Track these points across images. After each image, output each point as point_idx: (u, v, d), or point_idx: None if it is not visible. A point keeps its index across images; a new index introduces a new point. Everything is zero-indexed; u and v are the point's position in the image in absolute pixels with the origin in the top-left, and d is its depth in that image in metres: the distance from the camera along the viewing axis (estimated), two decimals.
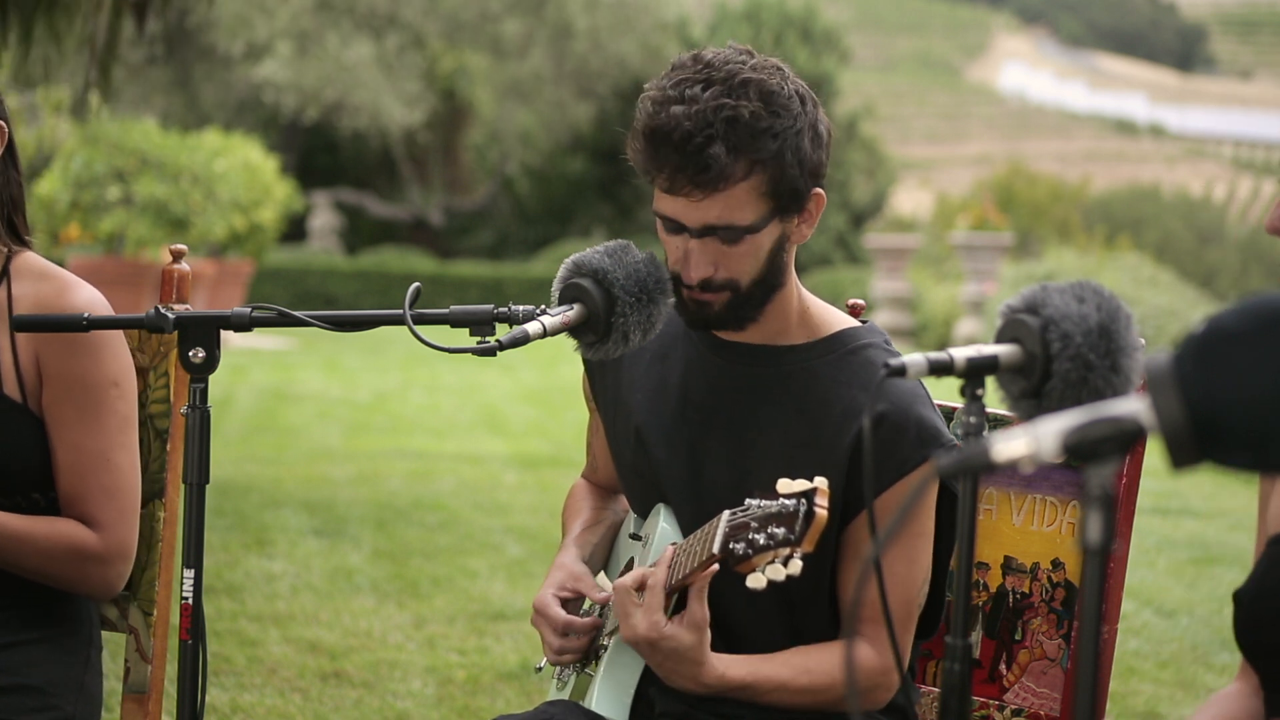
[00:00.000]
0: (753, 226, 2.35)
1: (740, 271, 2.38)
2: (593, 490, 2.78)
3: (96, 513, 2.60)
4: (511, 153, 31.90)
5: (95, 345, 2.60)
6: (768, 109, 2.32)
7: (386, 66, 28.01)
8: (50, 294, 2.61)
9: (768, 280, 2.41)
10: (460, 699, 4.76)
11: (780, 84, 2.35)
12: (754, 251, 2.37)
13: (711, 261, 2.37)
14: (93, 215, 15.56)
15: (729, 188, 2.32)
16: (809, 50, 31.39)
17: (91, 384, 2.59)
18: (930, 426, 2.39)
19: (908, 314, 21.88)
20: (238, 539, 6.93)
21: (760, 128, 2.30)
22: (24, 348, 2.59)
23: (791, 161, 2.33)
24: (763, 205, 2.35)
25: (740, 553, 2.18)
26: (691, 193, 2.32)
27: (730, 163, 2.30)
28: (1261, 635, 2.00)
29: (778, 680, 2.39)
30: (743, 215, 2.34)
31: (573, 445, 10.58)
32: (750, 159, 2.31)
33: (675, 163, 2.31)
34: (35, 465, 2.60)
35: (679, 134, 2.29)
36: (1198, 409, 1.42)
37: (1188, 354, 1.43)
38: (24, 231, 2.68)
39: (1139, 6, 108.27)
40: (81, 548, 2.59)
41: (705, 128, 2.29)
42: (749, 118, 2.30)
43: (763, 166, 2.32)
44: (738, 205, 2.33)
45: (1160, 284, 18.64)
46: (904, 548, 2.39)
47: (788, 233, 2.40)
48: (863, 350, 2.45)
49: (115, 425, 2.61)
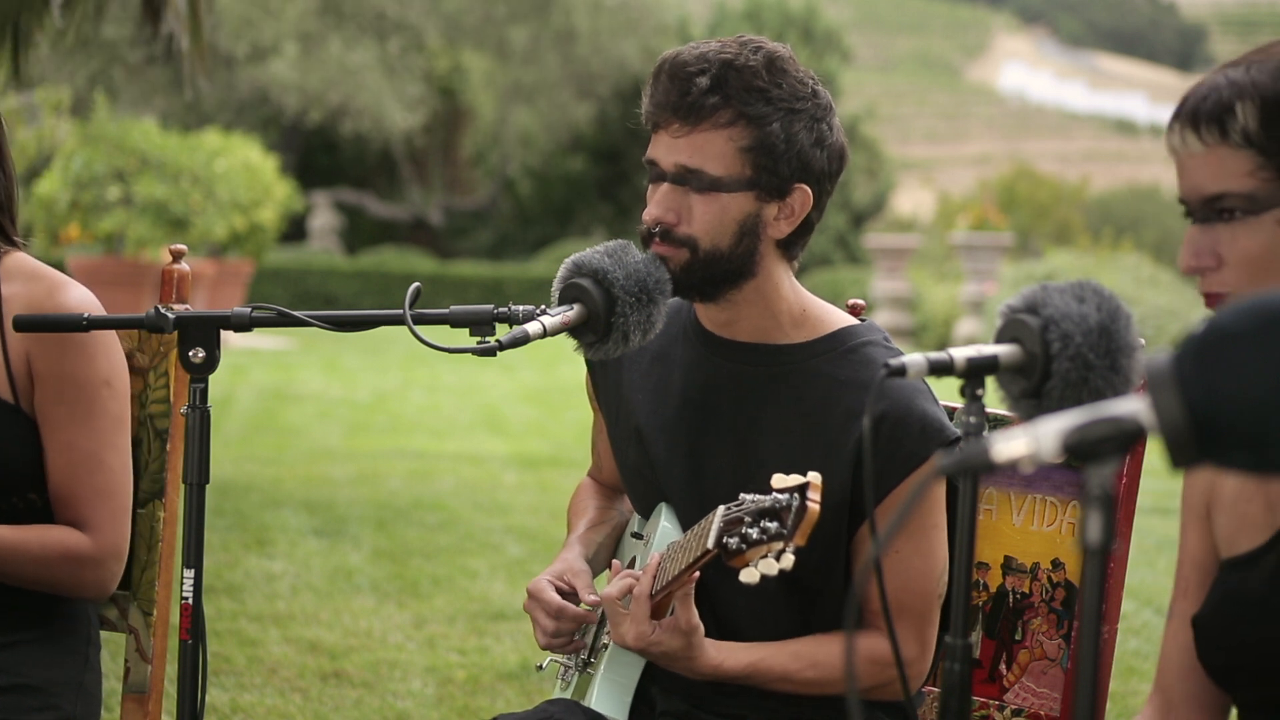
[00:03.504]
0: (720, 180, 2.35)
1: (700, 230, 2.37)
2: (598, 490, 2.78)
3: (88, 514, 2.59)
4: (512, 153, 31.90)
5: (87, 345, 2.58)
6: (768, 72, 2.35)
7: (389, 69, 28.00)
8: (41, 294, 2.59)
9: (731, 257, 2.39)
10: (460, 699, 4.76)
11: (793, 66, 2.38)
12: (718, 213, 2.37)
13: (673, 208, 2.38)
14: (93, 215, 15.54)
15: (708, 128, 2.34)
16: (810, 50, 31.39)
17: (83, 384, 2.58)
18: (934, 420, 2.39)
19: (908, 314, 21.88)
20: (238, 539, 6.93)
21: (754, 84, 2.34)
22: (14, 348, 2.58)
23: (779, 135, 2.34)
24: (737, 164, 2.35)
25: (734, 547, 2.19)
26: (670, 123, 2.36)
27: (713, 101, 2.33)
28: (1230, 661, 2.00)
29: (782, 670, 2.41)
30: (714, 164, 2.35)
31: (573, 445, 10.59)
32: (736, 109, 2.34)
33: (664, 90, 2.36)
34: (30, 467, 2.59)
35: (676, 65, 2.36)
36: (1198, 409, 1.42)
37: (1188, 354, 1.43)
38: (12, 233, 2.66)
39: (1139, 6, 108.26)
40: (74, 553, 2.57)
41: (702, 63, 2.35)
42: (746, 71, 2.34)
43: (746, 122, 2.34)
44: (713, 152, 2.35)
45: (1160, 284, 18.63)
46: (918, 541, 2.41)
47: (762, 216, 2.39)
48: (862, 348, 2.45)
49: (108, 426, 2.60)
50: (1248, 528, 2.02)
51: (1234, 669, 2.00)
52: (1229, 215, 1.91)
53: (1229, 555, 2.04)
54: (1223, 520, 2.06)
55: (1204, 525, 2.09)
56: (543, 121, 30.71)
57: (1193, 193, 1.94)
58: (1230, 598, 2.00)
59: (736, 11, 32.97)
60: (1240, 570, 2.01)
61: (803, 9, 32.56)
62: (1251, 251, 1.91)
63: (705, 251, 2.38)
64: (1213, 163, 1.92)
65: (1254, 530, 2.01)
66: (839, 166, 2.43)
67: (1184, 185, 1.96)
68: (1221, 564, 2.06)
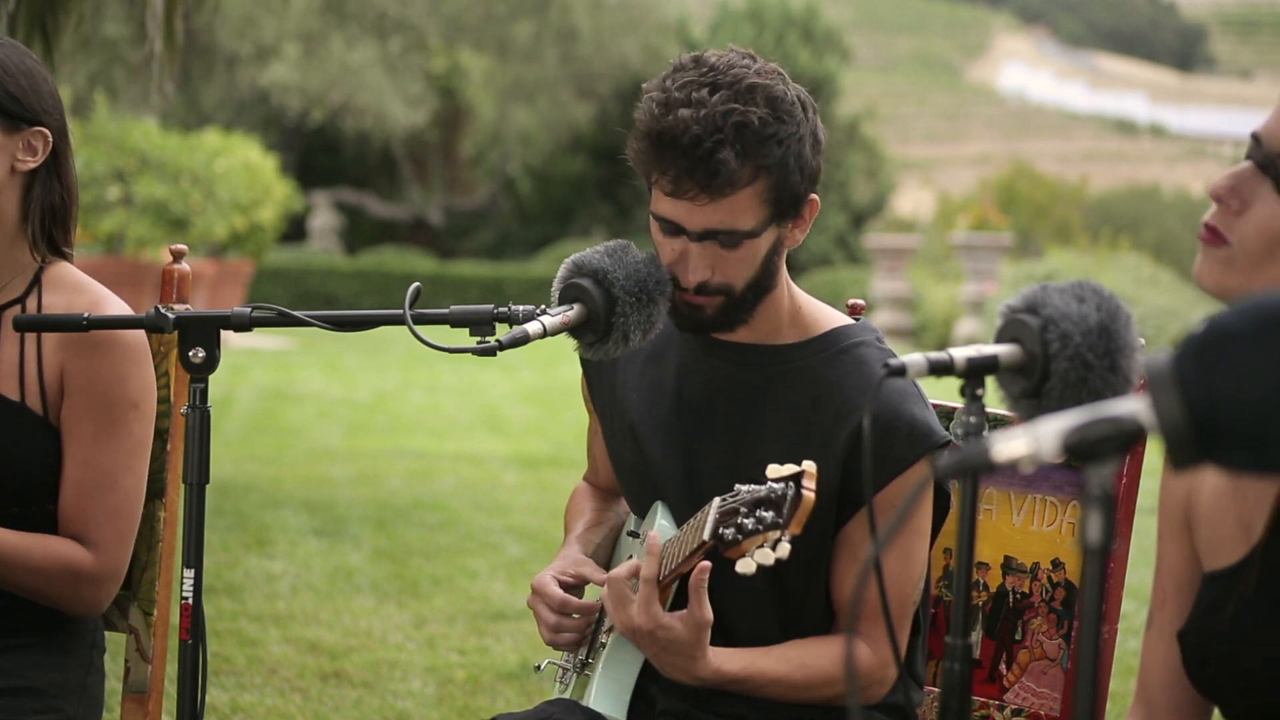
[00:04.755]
0: (753, 232, 2.36)
1: (736, 276, 2.39)
2: (594, 493, 2.78)
3: (95, 533, 2.58)
4: (512, 153, 31.90)
5: (121, 364, 2.57)
6: (774, 115, 2.32)
7: (390, 68, 28.00)
8: (82, 308, 2.57)
9: (761, 284, 2.42)
10: (460, 699, 4.76)
11: (784, 90, 2.36)
12: (751, 257, 2.38)
13: (709, 265, 2.37)
14: (93, 215, 15.54)
15: (735, 193, 2.32)
16: (810, 50, 31.39)
17: (113, 403, 2.57)
18: (922, 424, 2.39)
19: (908, 314, 21.89)
20: (238, 539, 6.93)
21: (767, 134, 2.31)
22: (50, 360, 2.57)
23: (794, 168, 2.34)
24: (763, 211, 2.36)
25: (730, 538, 2.18)
26: (697, 196, 2.32)
27: (738, 168, 2.30)
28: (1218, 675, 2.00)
29: (774, 674, 2.39)
30: (745, 221, 2.34)
31: (573, 445, 10.58)
32: (756, 164, 2.32)
33: (682, 166, 2.30)
34: (51, 478, 2.58)
35: (688, 138, 2.29)
36: (1198, 409, 1.42)
37: (1188, 354, 1.43)
38: (62, 243, 2.63)
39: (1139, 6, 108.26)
40: (75, 568, 2.56)
41: (715, 132, 2.29)
42: (758, 124, 2.30)
43: (768, 173, 2.33)
44: (741, 211, 2.34)
45: (1160, 284, 18.64)
46: (899, 546, 2.40)
47: (783, 237, 2.42)
48: (855, 348, 2.46)
49: (129, 448, 2.59)
50: (1226, 543, 2.01)
51: (1218, 681, 1.99)
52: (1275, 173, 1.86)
53: (1210, 569, 2.03)
54: (1202, 533, 2.05)
55: (1183, 536, 2.08)
56: (543, 121, 30.71)
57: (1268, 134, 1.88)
58: (1211, 611, 1.99)
59: (737, 11, 32.96)
60: (1220, 584, 2.00)
61: (803, 9, 32.55)
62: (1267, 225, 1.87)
63: (741, 291, 2.40)
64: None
65: (1230, 545, 2.00)
66: (824, 152, 2.43)
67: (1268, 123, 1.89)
68: (1204, 577, 2.04)
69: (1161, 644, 2.08)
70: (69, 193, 2.62)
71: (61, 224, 2.63)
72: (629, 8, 29.13)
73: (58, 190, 2.61)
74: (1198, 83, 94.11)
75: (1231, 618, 1.96)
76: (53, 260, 2.63)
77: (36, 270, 2.62)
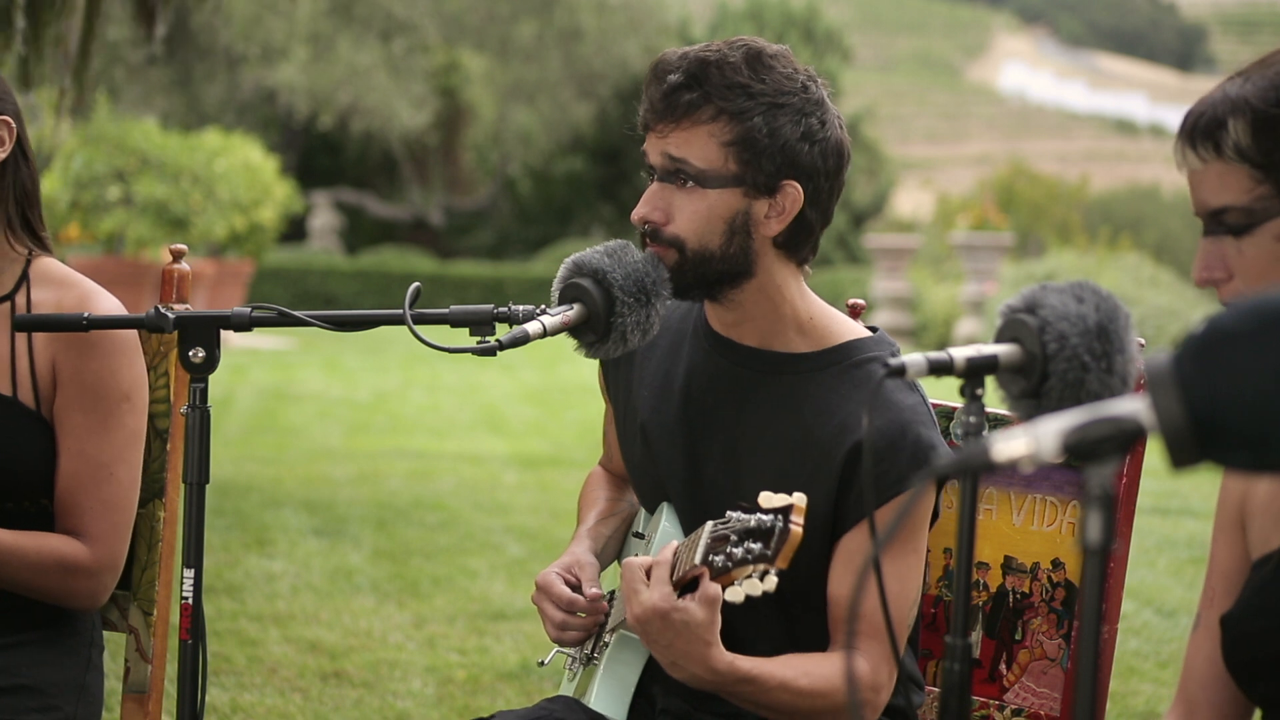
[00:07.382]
0: (704, 174, 2.35)
1: (686, 229, 2.36)
2: (609, 479, 2.77)
3: (90, 525, 2.58)
4: (512, 153, 31.90)
5: (112, 356, 2.58)
6: (749, 67, 2.35)
7: (394, 69, 28.00)
8: (72, 303, 2.58)
9: (724, 257, 2.37)
10: (460, 699, 4.76)
11: (781, 62, 2.37)
12: (705, 211, 2.36)
13: (659, 206, 2.38)
14: (93, 215, 15.55)
15: (689, 124, 2.35)
16: (811, 50, 31.41)
17: (104, 394, 2.57)
18: (926, 446, 2.36)
19: (908, 314, 21.88)
20: (238, 539, 6.93)
21: (733, 80, 2.34)
22: (41, 353, 2.57)
23: (761, 129, 2.33)
24: (720, 158, 2.35)
25: (720, 565, 2.17)
26: (659, 125, 2.37)
27: (698, 101, 2.34)
28: (1254, 653, 2.00)
29: (781, 677, 2.33)
30: (695, 156, 2.35)
31: (573, 445, 10.59)
32: (716, 105, 2.34)
33: (653, 94, 2.38)
34: (45, 472, 2.59)
35: (661, 69, 2.38)
36: (1198, 409, 1.42)
37: (1188, 354, 1.43)
38: (39, 228, 2.65)
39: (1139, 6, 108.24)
40: (70, 562, 2.57)
41: (683, 63, 2.36)
42: (725, 66, 2.35)
43: (727, 117, 2.34)
44: (695, 145, 2.35)
45: (1160, 284, 18.63)
46: (895, 566, 2.36)
47: (752, 214, 2.37)
48: (868, 364, 2.42)
49: (122, 439, 2.59)
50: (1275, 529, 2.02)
51: (1258, 665, 2.00)
52: (1233, 228, 1.94)
53: (1260, 554, 2.05)
54: (1257, 523, 2.07)
55: (1236, 534, 2.09)
56: (543, 121, 30.72)
57: (1200, 207, 1.98)
58: (1259, 592, 2.01)
59: (738, 12, 32.97)
60: (1267, 565, 2.01)
61: (804, 9, 32.57)
62: (1257, 263, 1.94)
63: (693, 251, 2.37)
64: (1212, 177, 1.95)
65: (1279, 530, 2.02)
66: (836, 164, 2.39)
67: (1193, 199, 1.99)
68: (1253, 563, 2.06)
69: (1207, 641, 2.10)
70: (33, 175, 2.66)
71: (34, 206, 2.65)
72: (631, 8, 29.14)
73: (26, 173, 2.64)
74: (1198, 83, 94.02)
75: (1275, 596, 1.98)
76: (37, 254, 2.65)
77: (24, 265, 2.63)
